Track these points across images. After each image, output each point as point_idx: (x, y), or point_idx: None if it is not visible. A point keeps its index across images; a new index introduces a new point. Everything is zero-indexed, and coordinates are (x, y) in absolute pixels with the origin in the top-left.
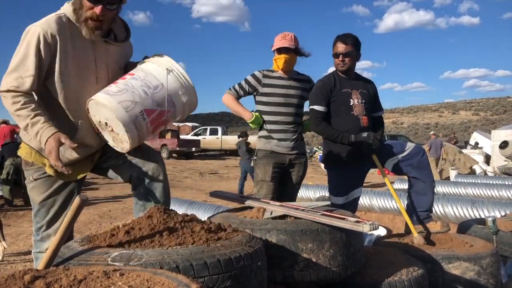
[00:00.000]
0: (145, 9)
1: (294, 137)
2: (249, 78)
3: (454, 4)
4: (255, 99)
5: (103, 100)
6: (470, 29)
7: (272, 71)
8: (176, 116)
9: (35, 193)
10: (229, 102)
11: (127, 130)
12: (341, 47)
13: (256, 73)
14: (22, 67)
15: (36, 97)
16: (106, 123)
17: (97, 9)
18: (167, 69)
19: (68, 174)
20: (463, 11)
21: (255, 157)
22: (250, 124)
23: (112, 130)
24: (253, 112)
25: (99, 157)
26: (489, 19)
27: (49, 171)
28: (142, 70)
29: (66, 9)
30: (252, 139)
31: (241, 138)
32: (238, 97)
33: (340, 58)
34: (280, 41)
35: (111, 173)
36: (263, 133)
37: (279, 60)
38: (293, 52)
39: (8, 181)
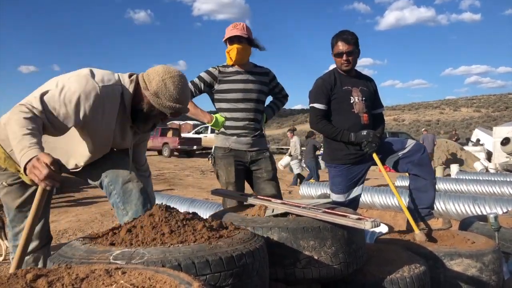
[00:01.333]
0: (146, 8)
1: (254, 133)
2: (203, 75)
3: (456, 0)
4: (211, 97)
5: None
6: (471, 25)
7: (228, 66)
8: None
9: (10, 198)
10: (190, 107)
11: None
12: (343, 47)
13: (211, 69)
14: None
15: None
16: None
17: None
18: None
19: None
20: (465, 8)
21: (213, 155)
22: (213, 127)
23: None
24: (212, 115)
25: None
26: (490, 16)
27: (26, 179)
28: None
29: (126, 82)
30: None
31: (309, 138)
32: (192, 97)
33: (344, 58)
34: (231, 31)
35: (83, 176)
36: (221, 129)
37: (232, 51)
38: (246, 42)
39: None
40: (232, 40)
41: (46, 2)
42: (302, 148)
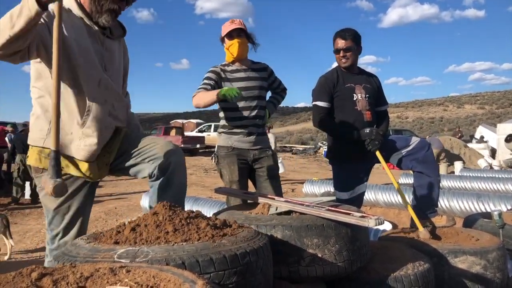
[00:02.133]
0: (149, 6)
1: (257, 131)
2: (210, 75)
3: None
4: None
5: None
6: (475, 22)
7: (228, 64)
8: None
9: (49, 200)
10: (197, 99)
11: None
12: (340, 43)
13: (213, 68)
14: None
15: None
16: None
17: (122, 4)
18: None
19: (92, 174)
20: (468, 4)
21: (216, 155)
22: (226, 95)
23: None
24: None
25: (114, 159)
26: (494, 12)
27: (74, 172)
28: None
29: (69, 3)
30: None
31: None
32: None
33: (341, 54)
34: (229, 26)
35: (131, 171)
36: (223, 128)
37: (233, 46)
38: (245, 36)
39: (16, 181)
40: (231, 35)
41: None
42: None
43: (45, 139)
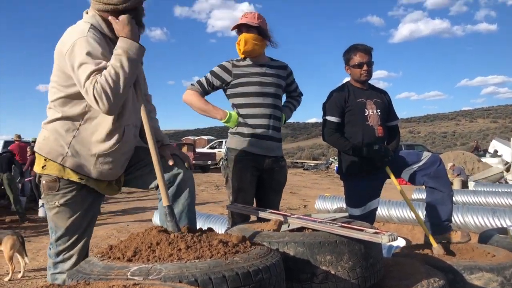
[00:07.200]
0: (162, 26)
1: (274, 135)
2: (216, 69)
3: (471, 11)
4: (225, 93)
5: None
6: (487, 36)
7: (242, 59)
8: None
9: (60, 218)
10: (193, 100)
11: None
12: (364, 57)
13: (224, 63)
14: None
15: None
16: None
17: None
18: None
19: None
20: (480, 19)
21: (225, 158)
22: (227, 124)
23: None
24: (226, 110)
25: (125, 170)
26: (507, 26)
27: (93, 184)
28: None
29: (91, 20)
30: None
31: None
32: (203, 94)
33: (365, 68)
34: (240, 20)
35: (138, 182)
36: (237, 129)
37: (240, 42)
38: (256, 31)
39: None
40: (240, 29)
41: (62, 24)
42: None
43: (64, 157)
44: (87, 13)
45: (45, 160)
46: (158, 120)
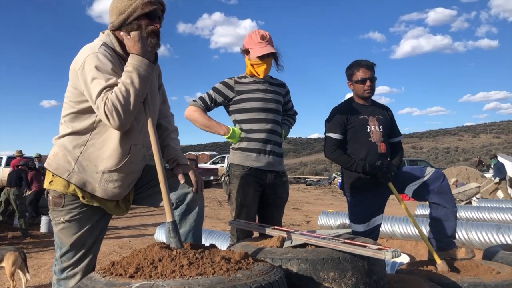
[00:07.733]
0: (165, 42)
1: (275, 150)
2: (219, 86)
3: (472, 28)
4: (227, 109)
5: None
6: (489, 52)
7: (245, 76)
8: None
9: (65, 235)
10: (196, 116)
11: None
12: (367, 73)
13: (227, 80)
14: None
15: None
16: None
17: (157, 24)
18: None
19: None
20: (481, 35)
21: (227, 174)
22: (230, 140)
23: None
24: (229, 126)
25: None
26: (508, 41)
27: (98, 204)
28: None
29: (105, 38)
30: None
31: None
32: (205, 110)
33: (368, 83)
34: (263, 48)
35: (148, 201)
36: (240, 144)
37: (260, 68)
38: (273, 56)
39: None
40: (263, 56)
41: (68, 41)
42: None
43: (70, 173)
44: (103, 33)
45: (52, 175)
46: (179, 140)
